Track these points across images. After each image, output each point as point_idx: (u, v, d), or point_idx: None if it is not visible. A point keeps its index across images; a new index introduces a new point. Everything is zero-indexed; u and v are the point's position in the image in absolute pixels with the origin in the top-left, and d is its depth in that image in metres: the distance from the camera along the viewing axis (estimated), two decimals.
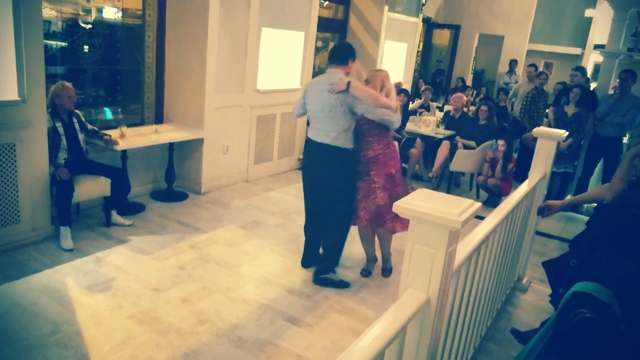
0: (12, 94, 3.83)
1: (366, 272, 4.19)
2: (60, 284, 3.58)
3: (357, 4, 8.61)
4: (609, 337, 1.79)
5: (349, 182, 3.85)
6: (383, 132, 3.82)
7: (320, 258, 4.11)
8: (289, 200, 5.81)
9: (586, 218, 5.26)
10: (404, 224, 3.83)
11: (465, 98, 7.79)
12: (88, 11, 4.99)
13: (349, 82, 3.56)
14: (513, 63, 10.75)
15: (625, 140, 6.95)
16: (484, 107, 6.76)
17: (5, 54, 3.75)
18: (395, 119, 3.73)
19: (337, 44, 4.15)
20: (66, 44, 4.83)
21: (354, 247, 4.51)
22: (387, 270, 4.24)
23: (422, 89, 8.98)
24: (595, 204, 3.61)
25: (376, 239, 4.20)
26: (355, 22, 8.74)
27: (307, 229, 4.13)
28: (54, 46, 4.74)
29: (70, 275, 3.71)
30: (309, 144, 3.88)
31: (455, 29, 11.73)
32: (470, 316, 2.65)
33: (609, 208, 2.76)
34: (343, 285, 3.95)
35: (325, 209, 3.92)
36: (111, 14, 5.18)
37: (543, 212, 3.23)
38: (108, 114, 5.35)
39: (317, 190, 3.92)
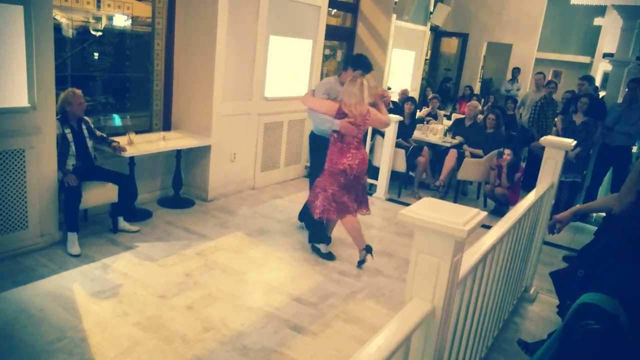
0: (22, 101, 3.87)
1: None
2: (67, 290, 3.60)
3: (365, 13, 8.65)
4: (616, 348, 1.77)
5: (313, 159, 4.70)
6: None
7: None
8: (296, 209, 5.80)
9: (595, 228, 5.21)
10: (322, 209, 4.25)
11: (479, 107, 7.78)
12: (98, 19, 5.04)
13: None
14: (516, 71, 10.72)
15: (634, 149, 6.90)
16: (491, 116, 6.74)
17: (15, 61, 3.80)
18: (318, 120, 4.34)
19: None
20: (76, 51, 4.88)
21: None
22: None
23: (430, 97, 8.97)
24: (604, 214, 3.58)
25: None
26: (363, 30, 8.77)
27: None
28: (64, 53, 4.79)
29: (77, 281, 3.73)
30: None
31: (464, 38, 11.73)
32: (476, 327, 2.63)
33: (617, 220, 2.73)
34: (327, 257, 4.53)
35: None
36: (121, 21, 5.23)
37: (554, 229, 3.18)
38: (117, 120, 5.39)
39: None
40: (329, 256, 4.55)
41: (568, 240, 5.71)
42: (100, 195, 4.41)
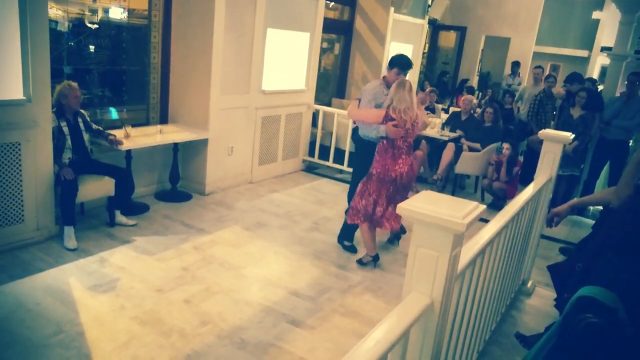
0: (17, 93, 3.84)
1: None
2: (64, 284, 3.59)
3: (363, 5, 8.60)
4: (615, 342, 1.77)
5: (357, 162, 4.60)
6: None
7: None
8: (293, 202, 5.80)
9: (592, 222, 5.22)
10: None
11: (475, 101, 7.76)
12: (94, 11, 5.00)
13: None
14: (515, 65, 10.68)
15: (631, 143, 6.90)
16: (489, 110, 6.73)
17: (11, 54, 3.76)
18: (364, 127, 4.22)
19: None
20: (72, 44, 4.85)
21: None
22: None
23: (427, 90, 8.94)
24: (602, 208, 3.58)
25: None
26: (361, 23, 8.72)
27: None
28: (60, 46, 4.75)
29: (73, 275, 3.72)
30: None
31: (462, 31, 11.70)
32: (474, 320, 2.63)
33: (615, 213, 2.73)
34: (349, 249, 4.62)
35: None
36: (117, 14, 5.19)
37: (551, 222, 3.18)
38: (113, 114, 5.36)
39: None
40: (352, 249, 4.62)
41: (565, 234, 5.71)
42: (97, 188, 4.39)
